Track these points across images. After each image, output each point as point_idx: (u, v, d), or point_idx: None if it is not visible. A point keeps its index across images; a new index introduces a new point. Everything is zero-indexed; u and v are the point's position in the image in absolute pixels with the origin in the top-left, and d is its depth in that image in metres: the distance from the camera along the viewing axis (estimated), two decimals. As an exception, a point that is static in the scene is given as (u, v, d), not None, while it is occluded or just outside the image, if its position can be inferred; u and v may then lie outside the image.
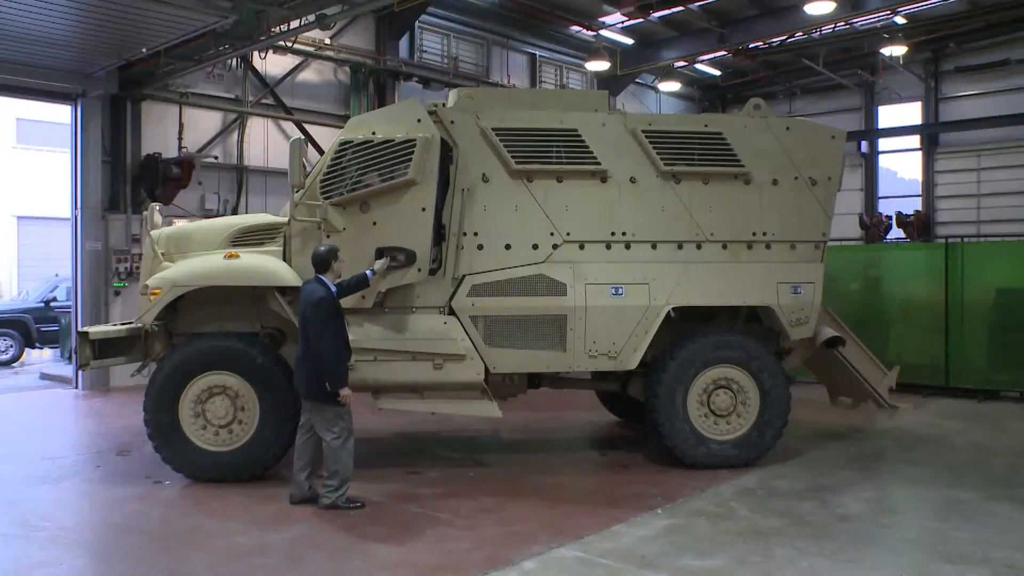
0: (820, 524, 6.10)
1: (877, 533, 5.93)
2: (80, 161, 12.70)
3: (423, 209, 7.21)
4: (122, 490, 7.04)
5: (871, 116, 22.41)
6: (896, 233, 20.16)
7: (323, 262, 6.50)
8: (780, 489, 7.04)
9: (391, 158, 7.16)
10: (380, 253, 7.09)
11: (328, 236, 7.16)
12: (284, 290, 7.27)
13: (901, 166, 22.64)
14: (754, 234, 7.91)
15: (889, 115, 22.29)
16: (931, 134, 21.31)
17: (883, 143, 22.56)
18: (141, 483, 7.25)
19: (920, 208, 21.16)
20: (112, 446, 8.70)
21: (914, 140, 21.88)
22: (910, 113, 21.84)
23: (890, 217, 20.40)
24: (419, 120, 7.28)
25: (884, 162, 22.78)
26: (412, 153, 7.13)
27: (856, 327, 9.40)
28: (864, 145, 22.39)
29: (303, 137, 7.02)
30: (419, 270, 7.23)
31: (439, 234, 7.44)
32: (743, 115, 8.04)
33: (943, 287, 11.98)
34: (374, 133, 7.26)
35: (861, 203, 22.13)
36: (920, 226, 20.18)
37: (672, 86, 21.65)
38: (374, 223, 7.21)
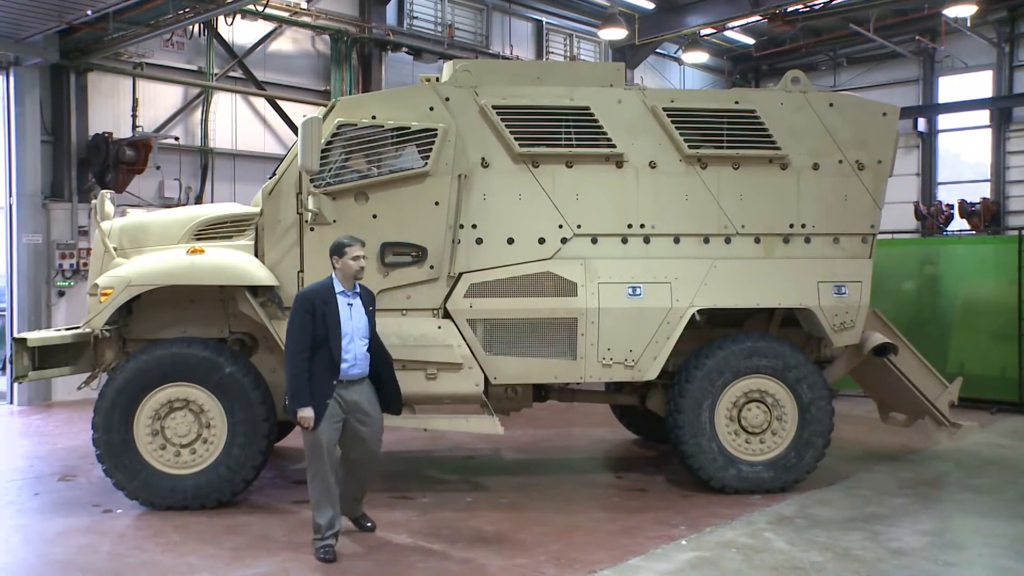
0: (870, 560, 6.14)
1: (938, 572, 5.95)
2: (15, 141, 12.70)
3: (436, 203, 7.40)
4: (65, 521, 7.07)
5: (930, 89, 22.42)
6: (959, 224, 20.19)
7: (329, 256, 6.34)
8: (822, 518, 7.10)
9: (404, 147, 7.39)
10: (385, 250, 7.29)
11: (312, 230, 7.28)
12: (256, 290, 7.37)
13: (966, 147, 22.62)
14: (791, 226, 7.98)
15: (952, 87, 22.25)
16: (1003, 109, 21.21)
17: (944, 120, 22.57)
18: (88, 512, 7.30)
19: (988, 195, 21.18)
20: (54, 470, 8.77)
21: (982, 116, 21.83)
22: (978, 85, 21.75)
23: (951, 206, 20.44)
24: (431, 108, 7.46)
25: (945, 142, 22.79)
26: (432, 143, 7.37)
27: (910, 332, 9.46)
28: (922, 123, 22.41)
29: (318, 115, 7.06)
30: (431, 267, 7.38)
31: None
32: (779, 90, 8.10)
33: (1015, 286, 11.96)
34: (373, 117, 7.41)
35: (917, 190, 22.19)
36: (988, 216, 20.21)
37: (698, 57, 21.70)
38: (374, 216, 7.34)
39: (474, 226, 7.58)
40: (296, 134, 9.55)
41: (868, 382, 9.33)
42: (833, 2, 18.69)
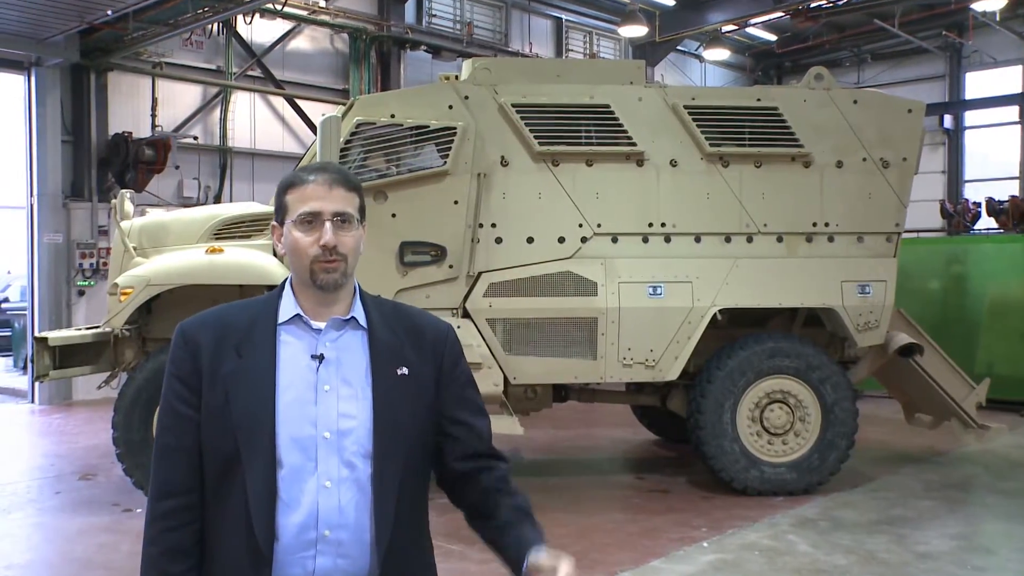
0: (896, 563, 6.11)
1: (965, 576, 5.94)
2: (36, 141, 12.81)
3: (455, 202, 7.42)
4: (85, 520, 7.14)
5: (957, 85, 22.24)
6: (986, 222, 20.02)
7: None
8: (846, 520, 7.08)
9: (423, 146, 7.45)
10: (404, 249, 7.32)
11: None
12: (275, 289, 7.39)
13: (993, 144, 22.42)
14: (815, 225, 7.96)
15: (980, 83, 22.04)
16: (1033, 105, 21.06)
17: (971, 117, 22.38)
18: (108, 511, 7.37)
19: (1016, 193, 20.99)
20: (74, 469, 8.85)
21: (1011, 112, 21.61)
22: (1007, 80, 21.52)
23: (979, 204, 20.25)
24: (451, 107, 7.48)
25: (972, 139, 22.60)
26: (451, 142, 7.39)
27: (936, 333, 9.39)
28: (948, 119, 22.24)
29: (337, 114, 7.09)
30: (450, 267, 7.42)
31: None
32: (803, 87, 8.09)
33: (1044, 286, 11.91)
34: (392, 115, 7.44)
35: (943, 188, 22.01)
36: (1016, 214, 19.95)
37: (720, 54, 21.63)
38: (393, 215, 7.38)
39: (493, 225, 7.60)
40: (315, 133, 9.61)
41: (893, 383, 9.28)
42: (857, -3, 18.59)
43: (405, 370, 2.16)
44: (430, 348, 2.22)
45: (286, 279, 2.26)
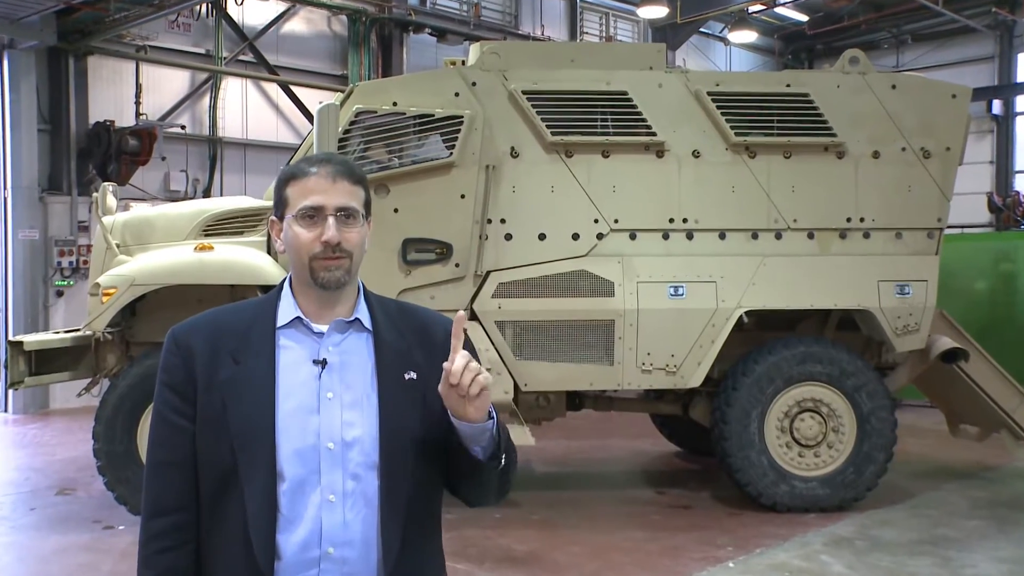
0: (939, 587, 6.12)
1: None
2: (10, 130, 12.82)
3: (462, 196, 7.44)
4: (62, 538, 7.16)
5: (1008, 67, 22.07)
6: (1039, 217, 19.97)
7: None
8: (885, 540, 7.07)
9: (427, 136, 7.47)
10: (407, 246, 7.35)
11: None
12: (269, 290, 7.43)
13: (1047, 132, 22.35)
14: (849, 220, 7.95)
15: (1032, 65, 21.99)
16: (1092, 89, 20.94)
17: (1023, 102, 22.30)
18: (87, 529, 7.39)
19: (1073, 185, 20.93)
20: (51, 483, 8.88)
21: (1068, 97, 21.55)
22: (1063, 62, 21.48)
23: (1030, 196, 20.22)
24: (457, 94, 7.50)
25: (1024, 127, 22.53)
26: (457, 132, 7.41)
27: (983, 336, 9.35)
28: (997, 105, 22.11)
29: (335, 102, 7.11)
30: (456, 265, 7.44)
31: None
32: (836, 71, 8.09)
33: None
34: (394, 103, 7.47)
35: (991, 179, 21.92)
36: (1071, 208, 19.96)
37: (746, 36, 21.59)
38: (395, 210, 7.40)
39: (503, 221, 7.61)
40: (311, 122, 9.65)
41: (935, 391, 9.25)
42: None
43: (413, 374, 2.15)
44: (440, 349, 2.13)
45: (284, 279, 2.25)
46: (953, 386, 8.74)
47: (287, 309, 2.18)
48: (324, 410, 2.08)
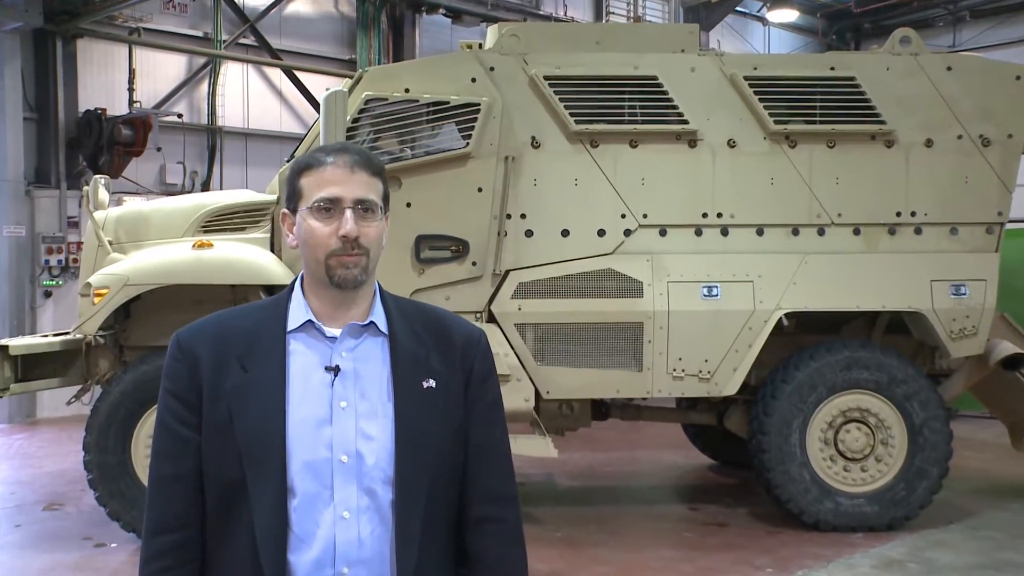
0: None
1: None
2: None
3: (479, 189, 7.48)
4: (50, 557, 7.19)
5: (1075, 47, 21.99)
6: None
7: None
8: (941, 564, 7.02)
9: (441, 125, 7.51)
10: (421, 243, 7.37)
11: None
12: (273, 290, 7.48)
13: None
14: (899, 214, 7.92)
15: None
16: None
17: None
18: (77, 547, 7.43)
19: None
20: (38, 498, 8.94)
21: None
22: None
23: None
24: (473, 80, 7.52)
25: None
26: (474, 120, 7.44)
27: (1045, 341, 9.32)
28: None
29: (343, 88, 7.13)
30: (473, 264, 7.47)
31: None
32: (885, 52, 8.05)
33: None
34: (406, 90, 7.50)
35: (1055, 171, 21.77)
36: None
37: (786, 15, 21.57)
38: (408, 204, 7.43)
39: (523, 216, 7.63)
40: (317, 111, 9.69)
41: (995, 400, 9.19)
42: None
43: (432, 382, 2.15)
44: (459, 356, 2.19)
45: (295, 280, 2.24)
46: (1016, 395, 8.69)
47: (298, 311, 2.16)
48: (337, 420, 2.08)
